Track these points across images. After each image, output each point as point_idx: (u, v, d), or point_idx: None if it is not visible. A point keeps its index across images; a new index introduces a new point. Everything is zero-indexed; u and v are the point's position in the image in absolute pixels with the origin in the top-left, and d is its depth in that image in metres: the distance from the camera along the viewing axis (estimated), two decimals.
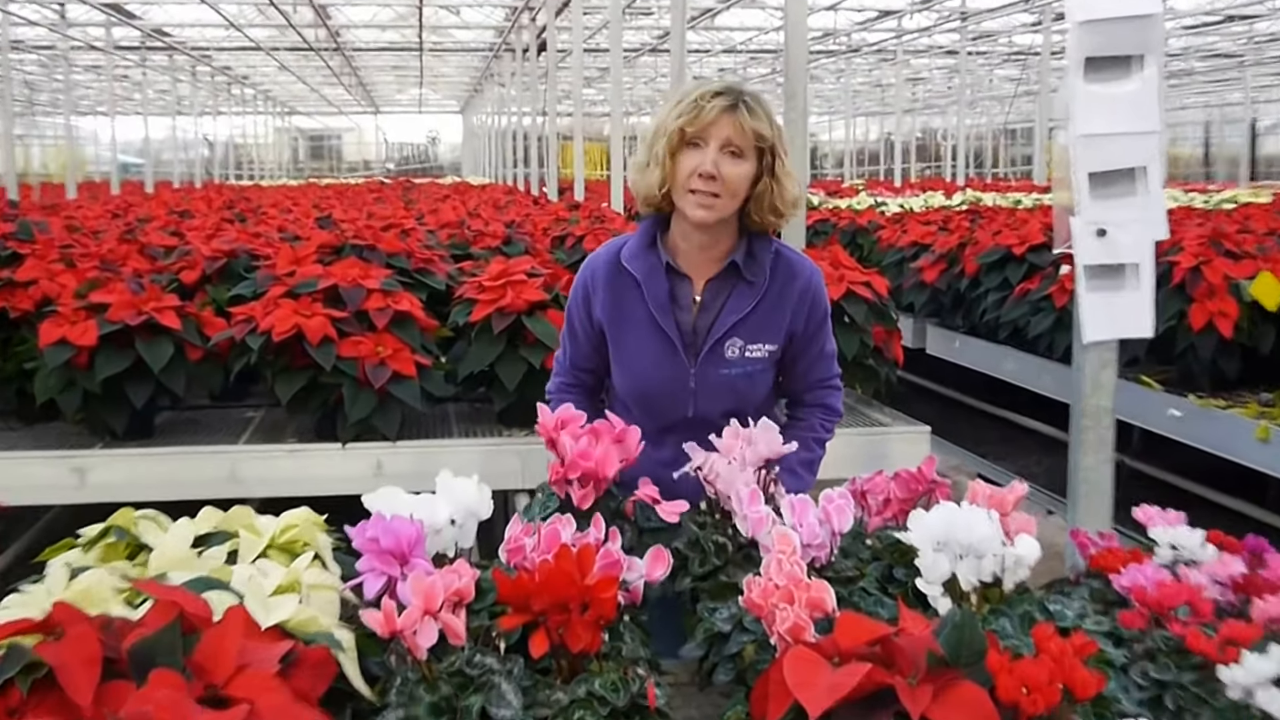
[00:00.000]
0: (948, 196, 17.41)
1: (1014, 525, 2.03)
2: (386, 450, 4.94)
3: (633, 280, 2.77)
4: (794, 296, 2.77)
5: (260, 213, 12.51)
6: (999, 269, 8.46)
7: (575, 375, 2.94)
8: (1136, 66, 2.92)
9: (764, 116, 2.64)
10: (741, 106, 2.62)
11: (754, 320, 2.75)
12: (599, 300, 2.81)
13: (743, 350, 2.75)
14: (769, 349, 2.77)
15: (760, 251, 2.76)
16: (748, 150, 2.64)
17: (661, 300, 2.75)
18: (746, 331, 2.75)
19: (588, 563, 1.80)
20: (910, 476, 2.35)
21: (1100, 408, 3.11)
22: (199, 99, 36.94)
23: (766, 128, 2.64)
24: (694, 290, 2.78)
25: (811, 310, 2.80)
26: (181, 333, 4.95)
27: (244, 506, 2.08)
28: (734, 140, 2.62)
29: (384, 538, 1.86)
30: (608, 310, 2.80)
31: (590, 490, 2.18)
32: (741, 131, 2.62)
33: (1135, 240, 2.95)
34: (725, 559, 2.11)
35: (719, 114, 2.62)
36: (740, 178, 2.64)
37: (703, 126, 2.63)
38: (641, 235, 2.81)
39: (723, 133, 2.62)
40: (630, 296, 2.78)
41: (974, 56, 32.45)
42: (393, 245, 6.33)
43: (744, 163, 2.64)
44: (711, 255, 2.77)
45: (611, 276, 2.80)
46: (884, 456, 5.17)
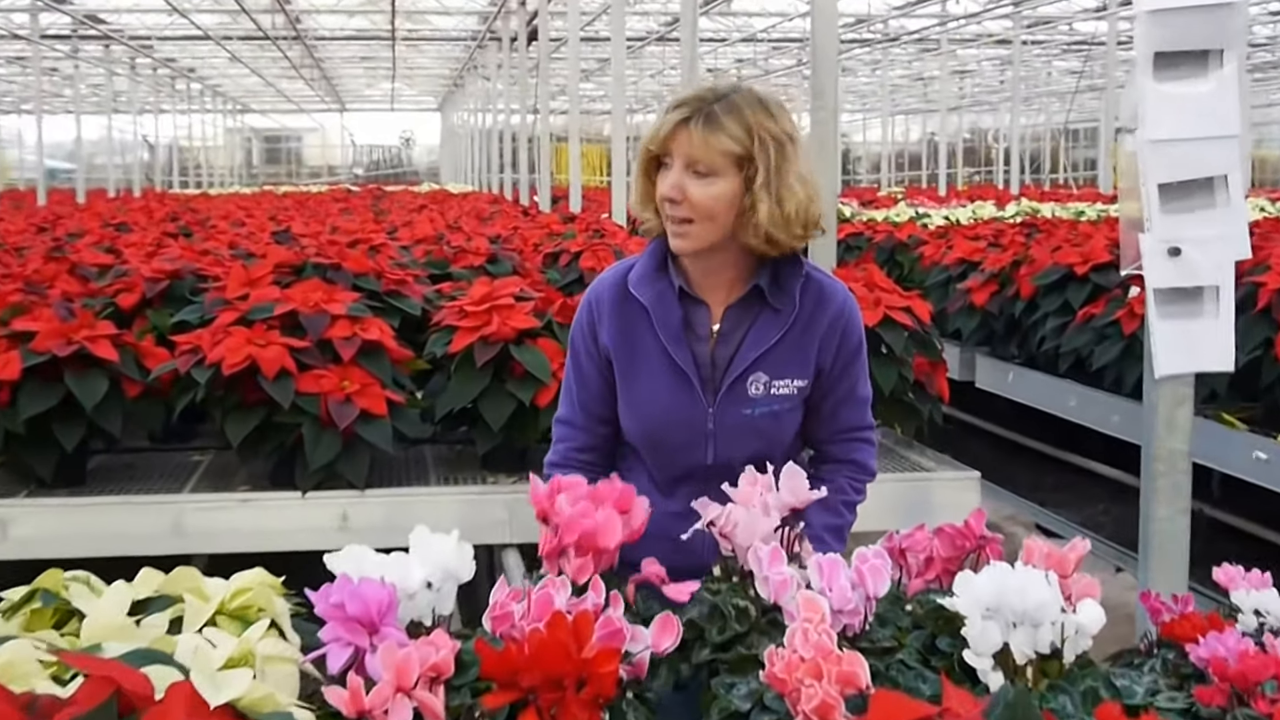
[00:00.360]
0: (1000, 207, 17.44)
1: (1076, 588, 2.03)
2: (353, 500, 4.94)
3: (641, 308, 2.75)
4: (824, 325, 2.75)
5: (208, 226, 12.54)
6: (1058, 291, 8.47)
7: (588, 434, 2.86)
8: (1214, 62, 2.93)
9: (736, 126, 2.60)
10: (698, 119, 2.60)
11: (780, 352, 2.73)
12: (605, 328, 2.79)
13: (768, 387, 2.73)
14: (798, 385, 2.75)
15: (787, 275, 2.74)
16: (719, 167, 2.61)
17: (674, 329, 2.73)
18: (772, 365, 2.73)
19: (585, 633, 1.80)
20: (956, 531, 2.35)
21: (1175, 450, 3.12)
22: (138, 95, 37.07)
23: (733, 140, 2.60)
24: (712, 318, 2.77)
25: (843, 341, 2.78)
26: (118, 365, 4.96)
27: (189, 567, 2.08)
28: (695, 158, 2.62)
29: (351, 603, 1.87)
30: (615, 341, 2.78)
31: (588, 562, 2.16)
32: (703, 146, 2.60)
33: (1213, 260, 2.96)
34: (748, 625, 2.11)
35: (672, 129, 2.63)
36: (710, 199, 2.62)
37: (663, 144, 2.64)
38: (650, 257, 2.79)
39: (682, 150, 2.62)
40: (639, 326, 2.76)
41: (1029, 46, 32.53)
42: (361, 264, 6.34)
43: (716, 181, 2.62)
44: (727, 279, 2.76)
45: (618, 303, 2.79)
46: (927, 507, 5.17)
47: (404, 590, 1.97)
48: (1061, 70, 40.41)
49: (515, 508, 5.02)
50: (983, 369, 9.43)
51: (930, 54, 34.08)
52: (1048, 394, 8.46)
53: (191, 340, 5.03)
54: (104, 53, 32.38)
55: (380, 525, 4.89)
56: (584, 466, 2.83)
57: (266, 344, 4.88)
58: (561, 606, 1.95)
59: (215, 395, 4.88)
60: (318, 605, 1.89)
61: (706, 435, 2.75)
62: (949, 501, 5.22)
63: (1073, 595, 2.00)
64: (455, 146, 49.65)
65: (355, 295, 5.55)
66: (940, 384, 5.63)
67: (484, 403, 5.05)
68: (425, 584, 2.00)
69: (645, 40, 31.24)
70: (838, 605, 2.01)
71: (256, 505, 4.97)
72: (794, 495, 2.27)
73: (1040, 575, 1.92)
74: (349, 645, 1.86)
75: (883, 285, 5.71)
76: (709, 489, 2.34)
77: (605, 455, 2.89)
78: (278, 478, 5.02)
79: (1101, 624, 1.94)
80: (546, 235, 10.30)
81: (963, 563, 2.33)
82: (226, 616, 1.99)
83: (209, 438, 5.80)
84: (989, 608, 1.90)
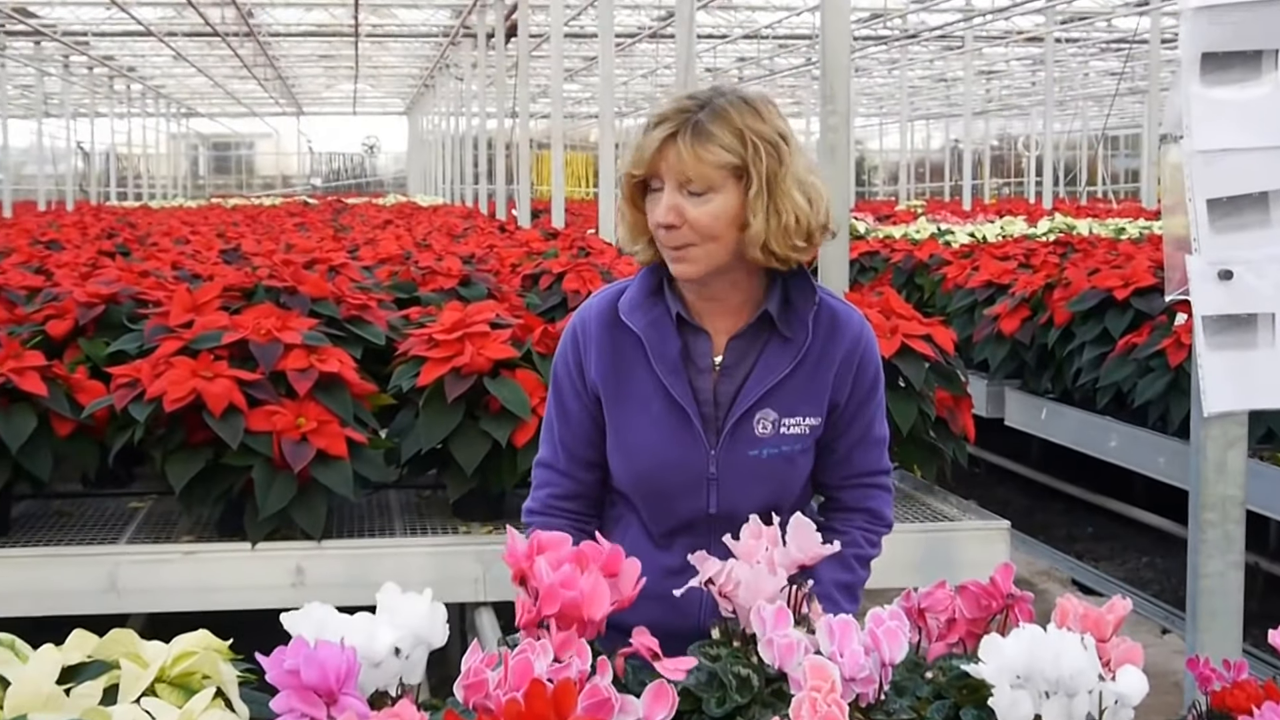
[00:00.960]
0: (1031, 223, 17.50)
1: (1116, 653, 2.04)
2: (309, 552, 4.94)
3: (634, 337, 2.72)
4: (838, 357, 2.72)
5: (149, 244, 12.55)
6: (1097, 318, 8.48)
7: (572, 479, 2.83)
8: (1269, 64, 2.94)
9: (726, 133, 2.58)
10: (685, 133, 2.58)
11: (791, 387, 2.70)
12: (593, 360, 2.76)
13: (777, 425, 2.70)
14: (810, 424, 2.72)
15: (799, 299, 2.71)
16: (715, 182, 2.59)
17: (672, 361, 2.69)
18: (782, 402, 2.70)
19: (567, 703, 1.80)
20: (981, 589, 2.35)
21: (1226, 497, 3.13)
22: (72, 97, 37.12)
23: (725, 150, 2.58)
24: (714, 349, 2.73)
25: (859, 376, 2.76)
26: (47, 400, 4.96)
27: (126, 628, 2.08)
28: (688, 176, 2.59)
29: (306, 670, 1.86)
30: (604, 374, 2.74)
31: (571, 636, 2.15)
32: (695, 162, 2.58)
33: (1269, 284, 2.97)
34: (750, 696, 2.10)
35: (658, 147, 2.60)
36: (710, 219, 2.60)
37: (649, 165, 2.62)
38: (643, 281, 2.76)
39: (672, 169, 2.60)
40: (631, 358, 2.72)
41: (1064, 44, 32.66)
42: (318, 288, 6.35)
43: (713, 198, 2.59)
44: (732, 305, 2.74)
45: (607, 331, 2.75)
46: (950, 561, 5.17)
47: (369, 657, 1.96)
48: (1099, 71, 40.59)
49: (490, 561, 5.01)
50: (1012, 405, 9.44)
51: (954, 52, 34.19)
52: (1085, 433, 8.46)
53: (129, 372, 5.02)
54: (34, 50, 32.48)
55: (339, 581, 4.89)
56: (568, 515, 2.81)
57: (213, 376, 4.87)
58: (541, 674, 1.94)
59: (156, 434, 4.88)
60: (269, 672, 1.88)
61: (708, 480, 2.71)
62: (975, 555, 5.23)
63: (1112, 661, 2.00)
64: (424, 154, 49.80)
65: (312, 322, 5.56)
66: (965, 421, 5.64)
67: (455, 443, 5.05)
68: (393, 650, 2.00)
69: (636, 37, 31.33)
70: (849, 672, 2.01)
71: (201, 558, 4.97)
72: (802, 551, 2.26)
73: (1076, 639, 1.92)
74: (304, 717, 1.85)
75: (901, 311, 5.71)
76: (710, 542, 2.33)
77: (591, 503, 2.86)
78: (225, 527, 5.02)
79: (1144, 693, 1.94)
80: (526, 254, 10.31)
81: (989, 624, 2.33)
82: (167, 685, 1.98)
83: (149, 482, 5.79)
84: (1019, 675, 1.90)
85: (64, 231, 15.35)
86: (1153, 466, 7.78)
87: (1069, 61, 38.14)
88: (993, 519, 5.43)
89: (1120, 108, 41.32)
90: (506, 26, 22.05)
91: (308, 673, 1.85)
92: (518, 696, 1.83)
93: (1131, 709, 1.94)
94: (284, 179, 67.90)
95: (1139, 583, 8.03)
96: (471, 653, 2.04)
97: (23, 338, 5.65)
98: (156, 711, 1.87)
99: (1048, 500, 10.02)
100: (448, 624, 2.06)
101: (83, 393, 5.14)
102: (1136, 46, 30.26)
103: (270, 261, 8.02)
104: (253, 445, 4.78)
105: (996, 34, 32.75)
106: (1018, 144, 50.46)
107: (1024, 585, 2.36)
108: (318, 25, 33.83)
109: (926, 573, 3.70)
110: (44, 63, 33.46)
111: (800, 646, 2.04)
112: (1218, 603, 3.12)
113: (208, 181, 66.58)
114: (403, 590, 2.06)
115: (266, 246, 11.23)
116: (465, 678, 1.99)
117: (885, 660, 2.05)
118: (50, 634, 2.08)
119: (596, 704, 1.87)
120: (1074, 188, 44.21)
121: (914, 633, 2.31)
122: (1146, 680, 1.95)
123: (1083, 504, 9.74)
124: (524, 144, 19.82)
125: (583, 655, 2.04)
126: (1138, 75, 33.61)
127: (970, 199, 29.93)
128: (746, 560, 2.22)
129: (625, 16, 29.33)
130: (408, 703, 1.87)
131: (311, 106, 59.68)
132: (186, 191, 54.49)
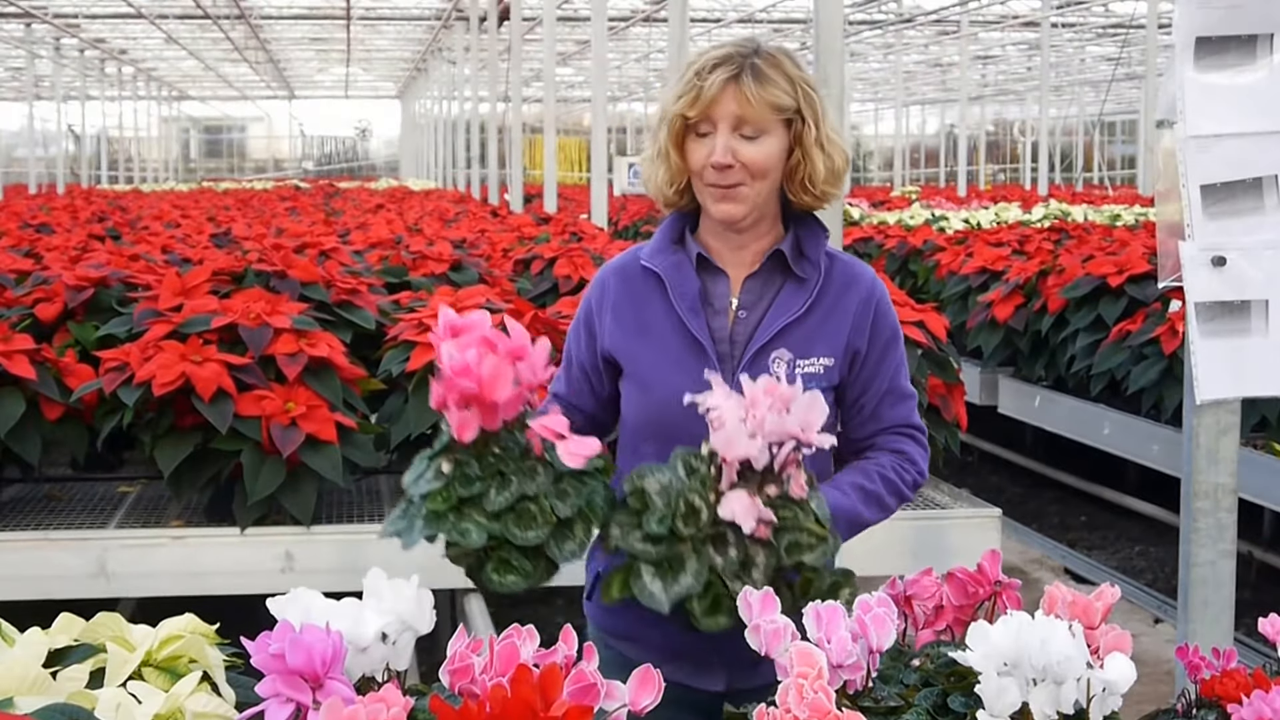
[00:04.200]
0: (1026, 209, 17.51)
1: (1104, 641, 2.04)
2: (298, 537, 4.94)
3: (655, 279, 2.80)
4: (854, 303, 2.79)
5: (139, 227, 12.56)
6: (1091, 305, 8.49)
7: (568, 409, 2.83)
8: (1264, 48, 2.94)
9: (781, 79, 2.68)
10: (747, 75, 2.66)
11: (807, 326, 2.76)
12: (607, 323, 2.83)
13: (792, 365, 2.73)
14: (824, 364, 2.76)
15: (809, 243, 2.80)
16: (767, 125, 2.69)
17: (691, 299, 2.76)
18: (797, 340, 2.75)
19: (553, 689, 1.80)
20: (968, 576, 2.35)
21: (1219, 485, 3.13)
22: (63, 80, 37.04)
23: (784, 93, 2.68)
24: (731, 290, 2.81)
25: (877, 323, 2.80)
26: (35, 384, 4.96)
27: (113, 612, 2.08)
28: (745, 118, 2.67)
29: (292, 654, 1.86)
30: (623, 319, 2.81)
31: (472, 417, 2.17)
32: (750, 105, 2.66)
33: (1263, 271, 2.97)
34: (692, 528, 2.15)
35: (720, 88, 2.67)
36: (763, 158, 2.69)
37: (705, 107, 2.68)
38: (666, 229, 2.85)
39: (729, 110, 2.67)
40: (652, 299, 2.80)
41: (1060, 29, 32.63)
42: (309, 272, 6.34)
43: (766, 140, 2.69)
44: (752, 252, 2.81)
45: (625, 282, 2.84)
46: (941, 549, 5.17)
47: (355, 642, 1.96)
48: (1096, 56, 40.53)
49: None
50: (1006, 392, 9.45)
51: (949, 37, 34.18)
52: (1078, 421, 8.47)
53: (119, 356, 5.02)
54: (25, 32, 32.37)
55: (329, 566, 4.89)
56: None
57: (202, 361, 4.87)
58: (527, 659, 1.95)
59: (145, 418, 4.88)
60: (255, 656, 1.88)
61: None
62: (966, 542, 5.23)
63: (1101, 649, 2.01)
64: (417, 139, 49.68)
65: (302, 306, 5.56)
66: (958, 409, 5.64)
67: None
68: (380, 636, 2.00)
69: (629, 20, 31.28)
70: (837, 659, 2.01)
71: (190, 543, 4.97)
72: (800, 424, 2.24)
73: (1064, 625, 1.92)
74: (289, 702, 1.85)
75: (894, 297, 5.70)
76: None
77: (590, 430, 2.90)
78: (214, 512, 5.02)
79: (1132, 681, 1.94)
80: (518, 239, 10.30)
81: (976, 612, 2.33)
82: (154, 668, 1.98)
83: (138, 466, 5.79)
84: (1006, 662, 1.90)
85: (54, 215, 15.35)
86: (1146, 454, 7.78)
87: (1065, 46, 38.11)
88: (984, 507, 5.44)
89: (1117, 93, 41.28)
90: (499, 10, 22.00)
91: (293, 657, 1.85)
92: (503, 681, 1.83)
93: (1119, 696, 1.94)
94: (276, 163, 67.80)
95: (1132, 571, 8.03)
96: (457, 638, 2.04)
97: (11, 321, 5.65)
98: (143, 695, 1.87)
99: (1041, 488, 10.02)
100: (436, 610, 2.06)
101: (72, 376, 5.14)
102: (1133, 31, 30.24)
103: (261, 245, 8.03)
104: (242, 430, 4.78)
105: (992, 18, 32.72)
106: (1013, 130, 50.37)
107: (1016, 573, 2.37)
108: (309, 8, 33.77)
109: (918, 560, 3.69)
110: (35, 45, 33.36)
111: (787, 632, 2.05)
112: (1209, 592, 3.13)
113: (199, 165, 66.51)
114: (392, 576, 2.06)
115: (257, 230, 11.23)
116: (451, 663, 1.99)
117: (873, 647, 2.05)
118: (39, 618, 2.08)
119: (582, 689, 1.87)
120: (1070, 174, 44.13)
121: (901, 620, 2.31)
122: (1136, 668, 1.95)
123: (1076, 492, 9.74)
124: (516, 128, 19.78)
125: (568, 641, 2.04)
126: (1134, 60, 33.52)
127: (965, 185, 29.89)
128: (747, 408, 2.22)
129: (618, 0, 29.29)
130: (393, 688, 1.87)
131: (303, 90, 59.57)
132: (178, 175, 54.41)
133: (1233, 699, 2.03)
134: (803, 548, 2.22)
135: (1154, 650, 5.96)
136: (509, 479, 2.19)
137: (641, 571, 2.19)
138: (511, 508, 2.18)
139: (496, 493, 2.18)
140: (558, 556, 2.19)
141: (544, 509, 2.18)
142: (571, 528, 2.20)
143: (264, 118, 67.91)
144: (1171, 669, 2.60)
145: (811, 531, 2.22)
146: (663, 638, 2.53)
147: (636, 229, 18.96)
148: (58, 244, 9.37)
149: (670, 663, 2.56)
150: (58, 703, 1.82)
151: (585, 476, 2.24)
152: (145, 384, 4.79)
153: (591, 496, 2.23)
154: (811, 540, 2.22)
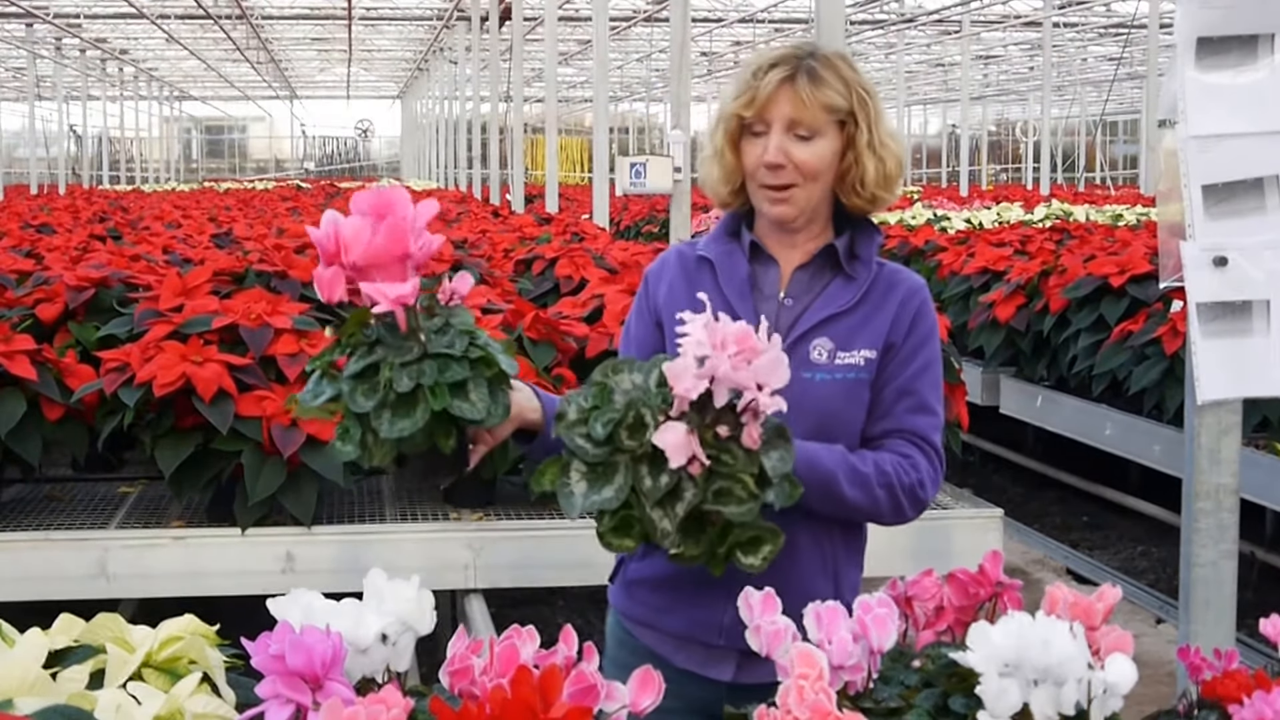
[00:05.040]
0: (1027, 209, 17.50)
1: (1105, 641, 2.03)
2: (299, 538, 4.94)
3: (707, 265, 2.84)
4: (896, 302, 2.81)
5: (140, 228, 12.54)
6: (1093, 305, 8.48)
7: None
8: (1265, 48, 2.94)
9: (836, 81, 2.71)
10: (802, 76, 2.69)
11: (851, 320, 2.78)
12: (663, 291, 2.87)
13: (833, 356, 2.76)
14: (866, 356, 2.77)
15: (863, 243, 2.83)
16: (820, 126, 2.71)
17: (740, 283, 2.80)
18: (840, 333, 2.77)
19: (553, 690, 1.80)
20: (969, 577, 2.35)
21: (1220, 485, 3.12)
22: (64, 80, 37.06)
23: (839, 95, 2.71)
24: (781, 280, 2.84)
25: (916, 320, 2.81)
26: (36, 384, 4.96)
27: (113, 613, 2.08)
28: (799, 119, 2.70)
29: (292, 655, 1.86)
30: (678, 298, 2.82)
31: (335, 276, 2.22)
32: (804, 106, 2.69)
33: (1264, 271, 2.97)
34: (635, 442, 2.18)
35: (775, 89, 2.70)
36: (816, 159, 2.72)
37: (761, 107, 2.71)
38: (722, 226, 2.89)
39: (783, 111, 2.70)
40: (701, 283, 2.82)
41: (1062, 28, 32.62)
42: (309, 272, 6.33)
43: (819, 141, 2.72)
44: (802, 250, 2.84)
45: (682, 263, 2.89)
46: (943, 550, 5.17)
47: (355, 643, 1.96)
48: (1098, 56, 40.54)
49: (481, 547, 5.01)
50: (1007, 392, 9.44)
51: (951, 37, 34.18)
52: (1080, 421, 8.46)
53: (119, 357, 5.02)
54: (26, 32, 32.38)
55: (329, 567, 4.89)
56: None
57: (203, 361, 4.87)
58: (527, 660, 1.95)
59: (145, 419, 4.88)
60: (255, 657, 1.88)
61: None
62: (968, 543, 5.22)
63: (1102, 650, 2.00)
64: (418, 139, 49.72)
65: (303, 306, 5.56)
66: (959, 409, 5.64)
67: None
68: (380, 637, 2.00)
69: (631, 20, 31.30)
70: (838, 660, 2.01)
71: (190, 543, 4.96)
72: (753, 380, 2.20)
73: (1064, 627, 1.92)
74: (289, 703, 1.85)
75: None
76: None
77: None
78: (215, 512, 5.02)
79: (1133, 682, 1.94)
80: (519, 239, 10.30)
81: (977, 612, 2.33)
82: (154, 669, 1.98)
83: (138, 467, 5.79)
84: (1007, 663, 1.90)
85: (55, 215, 15.34)
86: (1148, 455, 7.78)
87: (1067, 46, 38.09)
88: (986, 507, 5.43)
89: (1119, 93, 41.31)
90: (501, 9, 22.01)
91: (293, 658, 1.85)
92: (503, 683, 1.83)
93: (1121, 698, 1.94)
94: (277, 163, 67.88)
95: (1134, 572, 8.03)
96: (457, 639, 2.04)
97: (12, 321, 5.65)
98: (143, 696, 1.87)
99: (1042, 488, 10.01)
100: (436, 611, 2.06)
101: (72, 377, 5.14)
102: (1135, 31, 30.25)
103: (262, 246, 8.02)
104: (243, 430, 4.78)
105: (994, 18, 32.72)
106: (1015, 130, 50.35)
107: (1018, 574, 2.36)
108: (311, 8, 33.80)
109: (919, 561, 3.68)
110: (36, 45, 33.37)
111: (788, 633, 2.04)
112: (1211, 592, 3.12)
113: (200, 165, 66.58)
114: (393, 577, 2.06)
115: (258, 231, 11.22)
116: (451, 664, 1.99)
117: (874, 648, 2.05)
118: (39, 619, 2.08)
119: (582, 690, 1.87)
120: (1072, 174, 44.16)
121: (901, 621, 2.31)
122: (1138, 669, 1.95)
123: (1077, 492, 9.73)
124: (518, 128, 19.79)
125: (568, 641, 2.04)
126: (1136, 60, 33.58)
127: (967, 185, 29.90)
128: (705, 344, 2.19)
129: (620, 0, 29.29)
130: (393, 689, 1.87)
131: (305, 90, 59.57)
132: (179, 175, 54.44)
133: (1234, 700, 2.03)
134: (730, 497, 2.19)
135: (1155, 651, 5.96)
136: (373, 350, 2.26)
137: (571, 470, 2.21)
138: (359, 374, 2.24)
139: (357, 360, 2.25)
140: (382, 429, 2.23)
141: (385, 381, 2.22)
142: (412, 406, 2.22)
143: (265, 118, 67.93)
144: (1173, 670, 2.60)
145: (745, 484, 2.20)
146: (677, 625, 2.60)
147: (638, 229, 18.98)
148: (59, 244, 9.37)
149: (682, 651, 2.64)
150: (57, 704, 1.82)
151: (454, 361, 2.28)
152: (146, 384, 4.79)
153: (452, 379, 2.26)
154: (742, 494, 2.19)
